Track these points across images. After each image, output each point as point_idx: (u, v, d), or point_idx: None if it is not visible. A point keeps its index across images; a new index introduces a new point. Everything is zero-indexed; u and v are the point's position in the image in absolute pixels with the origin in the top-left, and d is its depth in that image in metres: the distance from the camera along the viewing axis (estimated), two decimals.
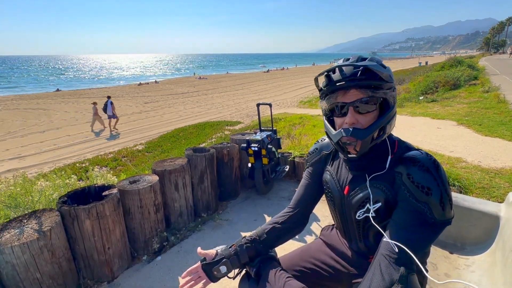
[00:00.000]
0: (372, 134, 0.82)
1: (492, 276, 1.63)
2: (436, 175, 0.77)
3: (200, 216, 2.79)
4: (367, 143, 0.84)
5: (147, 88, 26.32)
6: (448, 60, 18.61)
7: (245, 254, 1.00)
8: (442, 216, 0.77)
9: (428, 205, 0.76)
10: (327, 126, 0.93)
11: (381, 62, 0.85)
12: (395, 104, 0.86)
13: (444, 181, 0.77)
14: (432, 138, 4.91)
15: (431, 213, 0.76)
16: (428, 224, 0.77)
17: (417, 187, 0.77)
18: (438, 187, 0.76)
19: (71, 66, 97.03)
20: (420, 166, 0.78)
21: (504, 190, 2.71)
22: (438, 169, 0.78)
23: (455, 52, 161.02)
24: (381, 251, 0.78)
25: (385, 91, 0.82)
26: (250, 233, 1.07)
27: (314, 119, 8.04)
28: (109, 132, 10.99)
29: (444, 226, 0.78)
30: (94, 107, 11.35)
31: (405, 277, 0.71)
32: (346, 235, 1.07)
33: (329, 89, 0.87)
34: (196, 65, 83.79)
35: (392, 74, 0.86)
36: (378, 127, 0.83)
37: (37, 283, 1.65)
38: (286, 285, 0.90)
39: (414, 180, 0.78)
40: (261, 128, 3.62)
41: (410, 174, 0.80)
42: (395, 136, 0.94)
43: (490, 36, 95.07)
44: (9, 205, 2.16)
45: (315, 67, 60.25)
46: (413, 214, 0.78)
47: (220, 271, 0.98)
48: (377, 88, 0.82)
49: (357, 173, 0.94)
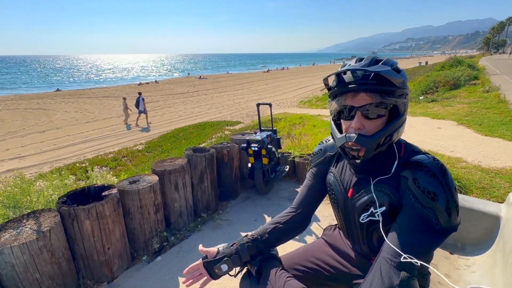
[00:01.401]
0: (377, 141, 0.80)
1: (493, 276, 1.62)
2: (443, 180, 0.75)
3: (200, 216, 2.79)
4: (371, 150, 0.82)
5: (147, 88, 26.31)
6: (448, 60, 18.60)
7: (246, 253, 1.00)
8: (448, 223, 0.75)
9: (434, 211, 0.74)
10: (333, 128, 0.92)
11: (396, 65, 0.81)
12: (406, 111, 0.83)
13: (451, 187, 0.75)
14: (432, 138, 4.91)
15: (437, 219, 0.74)
16: (432, 230, 0.75)
17: (423, 192, 0.75)
18: (445, 193, 0.74)
19: (71, 66, 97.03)
20: (427, 171, 0.76)
21: (504, 190, 2.71)
22: (445, 174, 0.76)
23: (455, 52, 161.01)
24: (383, 254, 0.77)
25: (396, 98, 0.79)
26: (252, 232, 1.07)
27: (314, 119, 8.04)
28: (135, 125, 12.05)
29: (450, 233, 0.76)
30: (124, 102, 12.29)
31: (406, 282, 0.70)
32: (349, 237, 1.06)
33: (338, 90, 0.84)
34: (193, 65, 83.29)
35: (406, 79, 0.81)
36: (384, 135, 0.80)
37: (36, 284, 1.64)
38: (286, 284, 0.90)
39: (420, 185, 0.76)
40: (261, 128, 3.62)
41: (416, 178, 0.77)
42: (402, 139, 0.92)
43: (490, 36, 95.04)
44: (8, 205, 2.15)
45: (315, 67, 60.24)
46: (418, 219, 0.76)
47: (221, 269, 0.98)
48: (388, 94, 0.78)
49: (362, 176, 0.92)
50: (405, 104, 0.82)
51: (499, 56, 49.73)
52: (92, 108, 16.36)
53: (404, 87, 0.80)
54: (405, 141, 0.92)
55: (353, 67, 0.80)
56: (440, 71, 15.54)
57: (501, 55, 61.20)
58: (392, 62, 0.82)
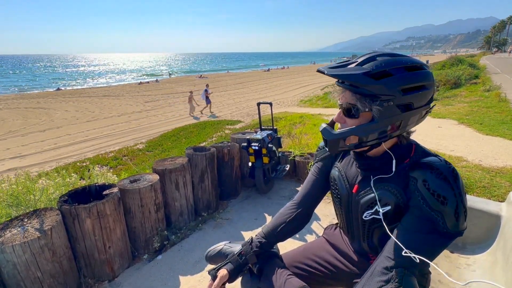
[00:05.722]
0: (339, 138, 0.83)
1: (493, 275, 1.63)
2: (454, 184, 0.74)
3: (201, 215, 2.79)
4: (335, 146, 0.85)
5: (148, 87, 26.30)
6: (449, 59, 18.58)
7: (254, 259, 1.01)
8: (455, 227, 0.74)
9: (442, 215, 0.73)
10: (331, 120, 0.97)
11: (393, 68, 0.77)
12: (385, 120, 0.78)
13: (462, 192, 0.74)
14: (433, 137, 4.91)
15: (444, 223, 0.74)
16: (438, 233, 0.74)
17: (432, 195, 0.74)
18: (455, 197, 0.73)
19: (70, 65, 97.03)
20: (438, 174, 0.75)
21: (505, 189, 2.71)
22: (457, 178, 0.75)
23: (456, 51, 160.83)
24: (384, 253, 0.77)
25: (374, 103, 0.77)
26: (258, 235, 1.07)
27: (314, 118, 8.04)
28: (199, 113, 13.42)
29: (455, 237, 0.75)
30: (190, 95, 13.51)
31: (403, 278, 0.70)
32: (349, 234, 1.06)
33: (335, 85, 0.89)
34: (191, 65, 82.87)
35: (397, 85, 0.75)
36: (348, 134, 0.82)
37: (38, 282, 1.65)
38: (287, 282, 0.91)
39: (430, 187, 0.75)
40: (261, 127, 3.62)
41: (426, 180, 0.76)
42: (412, 139, 0.90)
43: (491, 35, 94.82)
44: (10, 203, 2.16)
45: (315, 66, 60.12)
46: (425, 221, 0.75)
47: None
48: (367, 98, 0.78)
49: (367, 174, 0.92)
50: (381, 112, 0.77)
51: (500, 55, 49.61)
52: (92, 107, 16.37)
53: (391, 94, 0.75)
54: (416, 142, 0.90)
55: (339, 64, 0.84)
56: (441, 70, 15.51)
57: (501, 53, 61.02)
58: (387, 62, 0.78)
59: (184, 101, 17.51)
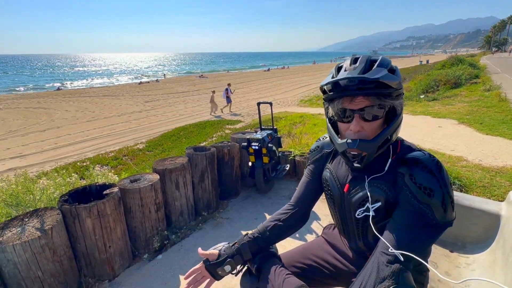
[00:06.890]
0: (378, 144, 0.82)
1: (493, 275, 1.63)
2: (439, 176, 0.77)
3: (201, 215, 2.80)
4: (373, 154, 0.84)
5: (148, 87, 26.29)
6: (449, 59, 18.54)
7: (248, 252, 1.01)
8: (444, 218, 0.77)
9: (430, 207, 0.76)
10: (331, 132, 0.91)
11: (390, 65, 0.81)
12: (402, 111, 0.85)
13: (447, 183, 0.77)
14: (433, 137, 4.91)
15: (433, 215, 0.76)
16: (429, 225, 0.76)
17: (419, 188, 0.77)
18: (441, 189, 0.76)
19: (71, 65, 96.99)
20: (423, 167, 0.78)
21: (504, 189, 2.71)
22: (441, 170, 0.78)
23: (456, 51, 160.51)
24: (379, 249, 0.78)
25: (393, 99, 0.80)
26: (252, 231, 1.08)
27: (314, 118, 8.03)
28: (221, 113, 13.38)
29: (445, 228, 0.78)
30: (212, 95, 13.62)
31: (398, 274, 0.71)
32: (345, 234, 1.07)
33: (335, 95, 0.84)
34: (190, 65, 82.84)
35: (401, 78, 0.82)
36: (384, 137, 0.82)
37: (38, 281, 1.66)
38: (286, 281, 0.91)
39: (416, 181, 0.78)
40: (261, 127, 3.62)
41: (412, 175, 0.79)
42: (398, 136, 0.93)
43: (492, 35, 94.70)
44: (10, 203, 2.16)
45: (316, 66, 60.13)
46: (414, 215, 0.77)
47: (225, 270, 1.00)
48: (386, 96, 0.79)
49: (357, 174, 0.94)
50: (401, 104, 0.84)
51: (500, 55, 49.58)
52: (92, 107, 16.37)
53: (400, 88, 0.81)
54: (402, 138, 0.94)
55: (351, 74, 0.79)
56: (441, 69, 15.49)
57: (501, 53, 60.98)
58: (387, 62, 0.82)
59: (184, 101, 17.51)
